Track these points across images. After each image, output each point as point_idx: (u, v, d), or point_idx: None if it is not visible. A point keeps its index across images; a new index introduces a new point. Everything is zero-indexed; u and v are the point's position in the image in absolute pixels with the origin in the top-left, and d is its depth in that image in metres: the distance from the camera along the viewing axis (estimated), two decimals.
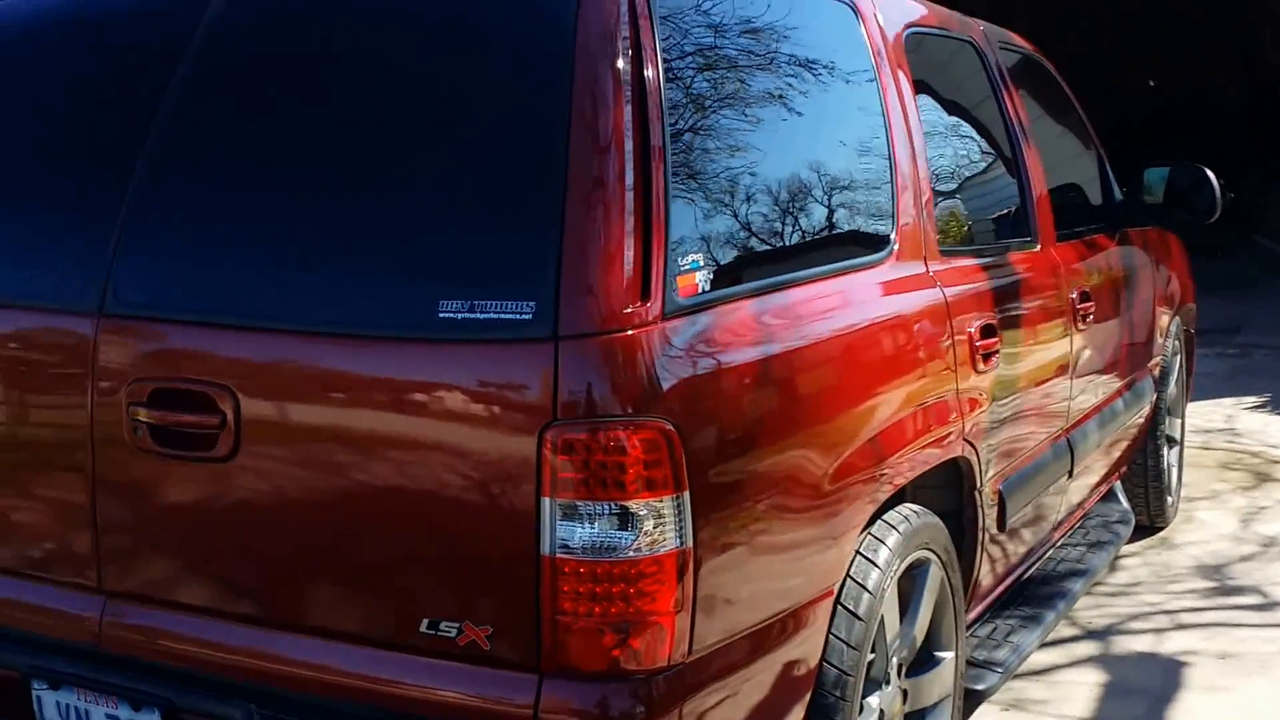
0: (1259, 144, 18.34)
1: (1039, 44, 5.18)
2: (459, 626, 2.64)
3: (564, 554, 2.55)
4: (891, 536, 3.30)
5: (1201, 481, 6.99)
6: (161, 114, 2.94)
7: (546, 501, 2.54)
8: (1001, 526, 3.98)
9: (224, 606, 2.87)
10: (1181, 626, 5.11)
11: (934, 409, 3.42)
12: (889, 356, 3.26)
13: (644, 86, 2.67)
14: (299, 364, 2.74)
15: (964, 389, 3.59)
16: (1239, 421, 8.40)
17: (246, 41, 2.98)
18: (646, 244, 2.59)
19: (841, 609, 3.14)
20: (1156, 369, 5.68)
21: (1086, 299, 4.58)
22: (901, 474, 3.27)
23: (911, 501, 3.70)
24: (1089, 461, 4.79)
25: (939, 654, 3.67)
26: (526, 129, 2.65)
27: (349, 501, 2.71)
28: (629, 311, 2.55)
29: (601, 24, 2.67)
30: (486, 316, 2.55)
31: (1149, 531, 6.12)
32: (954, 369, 3.54)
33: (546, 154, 2.59)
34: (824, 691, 3.10)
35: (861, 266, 3.29)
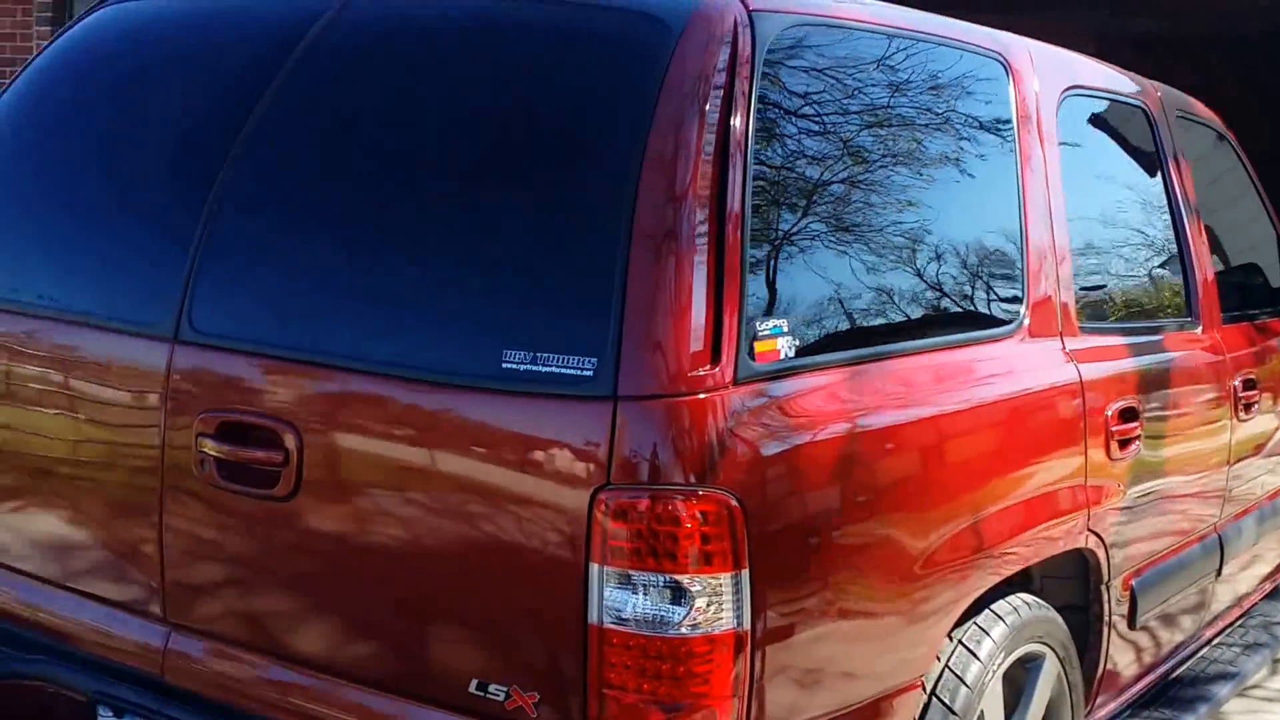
0: None
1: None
2: (507, 690, 2.54)
3: (612, 624, 2.43)
4: (997, 628, 3.10)
5: None
6: (244, 147, 2.92)
7: (595, 567, 2.43)
8: (1132, 624, 3.74)
9: (278, 649, 2.81)
10: None
11: (1054, 496, 3.22)
12: (999, 439, 3.07)
13: (729, 140, 2.55)
14: (361, 404, 2.67)
15: (1094, 476, 3.38)
16: None
17: (326, 84, 2.95)
18: (718, 305, 2.46)
19: (936, 701, 2.97)
20: None
21: (1251, 387, 4.31)
22: (1009, 564, 3.07)
23: (1040, 591, 3.52)
24: (1244, 559, 4.50)
25: None
26: (599, 178, 2.56)
27: (402, 549, 2.64)
28: (695, 375, 2.43)
29: (691, 74, 2.56)
30: (548, 370, 2.46)
31: None
32: (1084, 454, 3.33)
33: (614, 204, 2.49)
34: None
35: (980, 341, 3.11)
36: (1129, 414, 3.54)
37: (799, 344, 2.63)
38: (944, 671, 2.99)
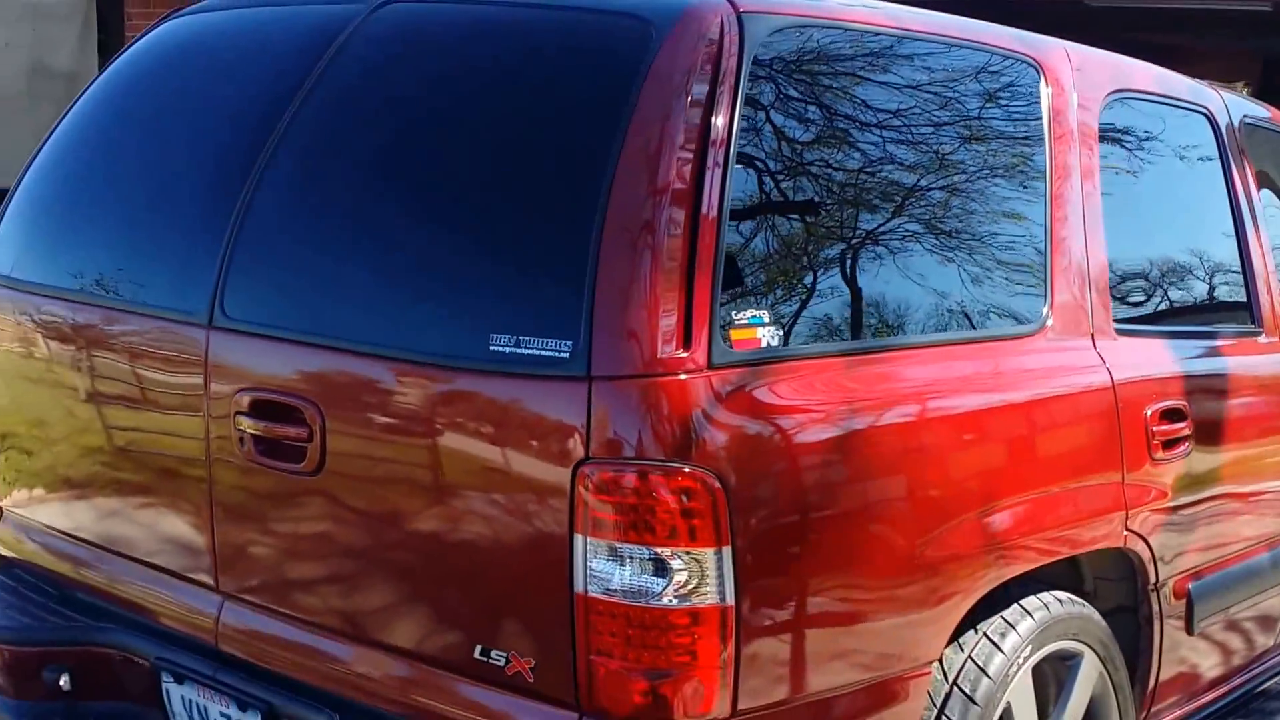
0: None
1: None
2: (507, 656, 2.68)
3: (597, 593, 2.56)
4: (1025, 623, 3.15)
5: None
6: (273, 150, 3.11)
7: (580, 539, 2.56)
8: (1190, 630, 3.73)
9: (313, 617, 2.99)
10: None
11: (1080, 495, 3.25)
12: (1004, 436, 3.10)
13: (711, 137, 2.66)
14: (370, 385, 2.84)
15: (1133, 477, 3.39)
16: None
17: (342, 92, 3.12)
18: (690, 294, 2.58)
19: (956, 690, 3.03)
20: None
21: None
22: (1022, 560, 3.10)
23: (1093, 594, 3.54)
24: None
25: None
26: (580, 172, 2.70)
27: (410, 522, 2.80)
28: (664, 358, 2.54)
29: (674, 73, 2.69)
30: (530, 352, 2.59)
31: None
32: (1119, 454, 3.35)
33: (592, 196, 2.62)
34: None
35: (992, 339, 3.16)
36: (1175, 415, 3.55)
37: (784, 334, 2.73)
38: (966, 662, 3.05)
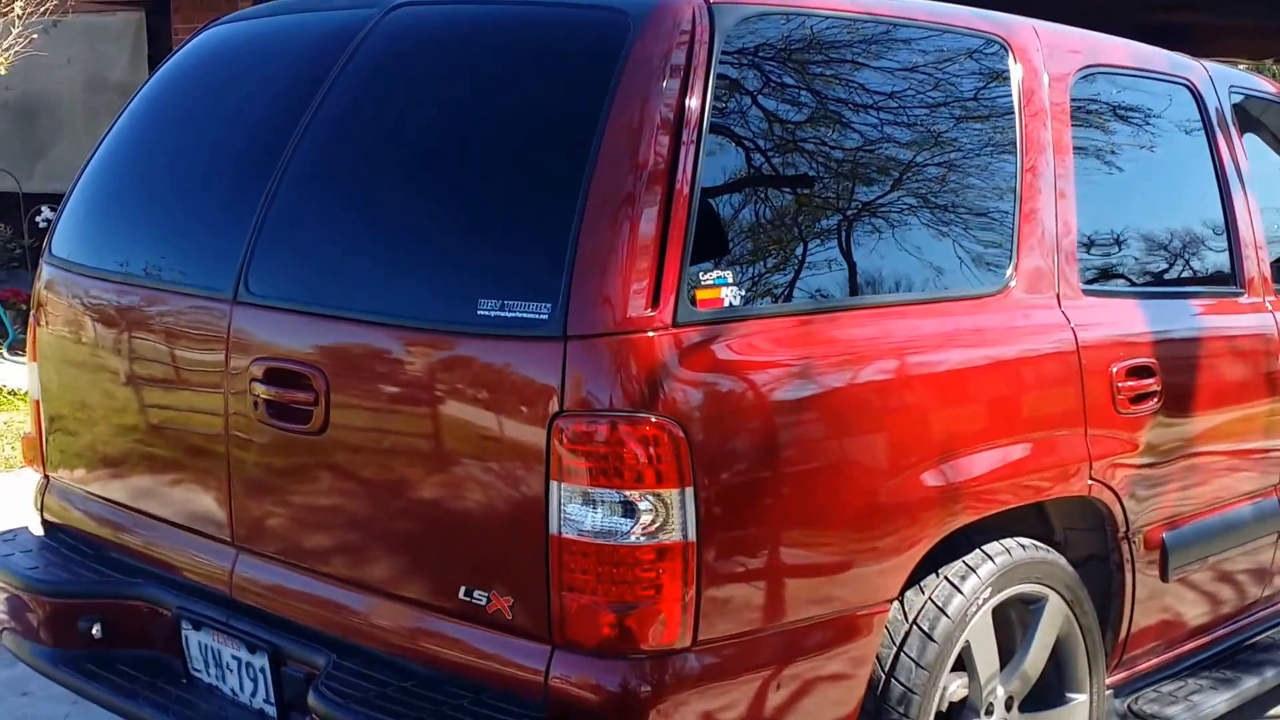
0: None
1: None
2: (488, 596, 2.92)
3: (570, 535, 2.79)
4: (985, 567, 3.35)
5: None
6: (291, 147, 3.37)
7: (555, 485, 2.79)
8: (1165, 578, 3.90)
9: (316, 566, 3.24)
10: None
11: (1038, 447, 3.43)
12: (964, 391, 3.29)
13: (683, 118, 2.89)
14: (370, 350, 3.09)
15: (1097, 430, 3.57)
16: None
17: (354, 89, 3.38)
18: (660, 260, 2.81)
19: (916, 629, 3.23)
20: None
21: None
22: (980, 508, 3.29)
23: (1064, 543, 3.73)
24: None
25: (1071, 695, 3.67)
26: (563, 152, 2.95)
27: (405, 475, 3.05)
28: (633, 317, 2.77)
29: (649, 60, 2.92)
30: (513, 315, 2.84)
31: None
32: (1081, 409, 3.53)
33: (573, 171, 2.86)
34: (888, 707, 3.20)
35: (954, 299, 3.35)
36: (1143, 372, 3.72)
37: (748, 295, 2.94)
38: (926, 603, 3.25)
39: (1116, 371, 3.65)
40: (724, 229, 2.97)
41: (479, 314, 2.88)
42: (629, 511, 2.77)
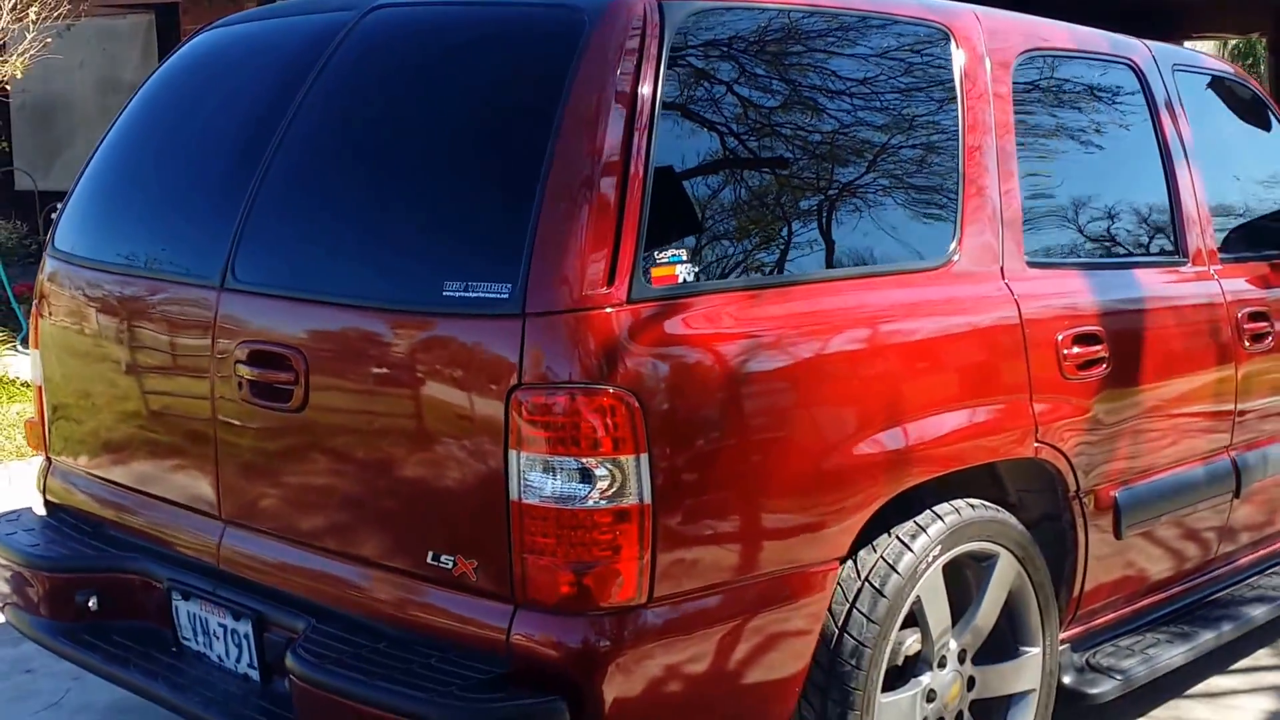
0: None
1: None
2: (454, 560, 3.10)
3: (529, 500, 2.97)
4: (934, 526, 3.51)
5: None
6: (275, 143, 3.56)
7: (514, 453, 2.97)
8: (1119, 535, 4.06)
9: (297, 536, 3.43)
10: None
11: (981, 412, 3.59)
12: (907, 360, 3.45)
13: (636, 106, 3.07)
14: (346, 331, 3.28)
15: (1043, 394, 3.73)
16: None
17: (337, 87, 3.57)
18: (617, 240, 2.98)
19: (867, 585, 3.40)
20: None
21: (1260, 319, 4.55)
22: (924, 471, 3.45)
23: (1016, 504, 3.90)
24: (1276, 487, 4.74)
25: (1024, 648, 3.84)
26: (523, 138, 3.13)
27: (377, 450, 3.23)
28: (588, 295, 2.94)
29: (603, 53, 3.10)
30: (476, 295, 3.02)
31: None
32: (1025, 376, 3.69)
33: (532, 159, 3.04)
34: (841, 659, 3.37)
35: (898, 273, 3.52)
36: (1089, 339, 3.88)
37: (701, 272, 3.12)
38: (878, 561, 3.43)
39: (1062, 339, 3.81)
40: (677, 210, 3.14)
41: (444, 295, 3.06)
42: (586, 478, 2.95)
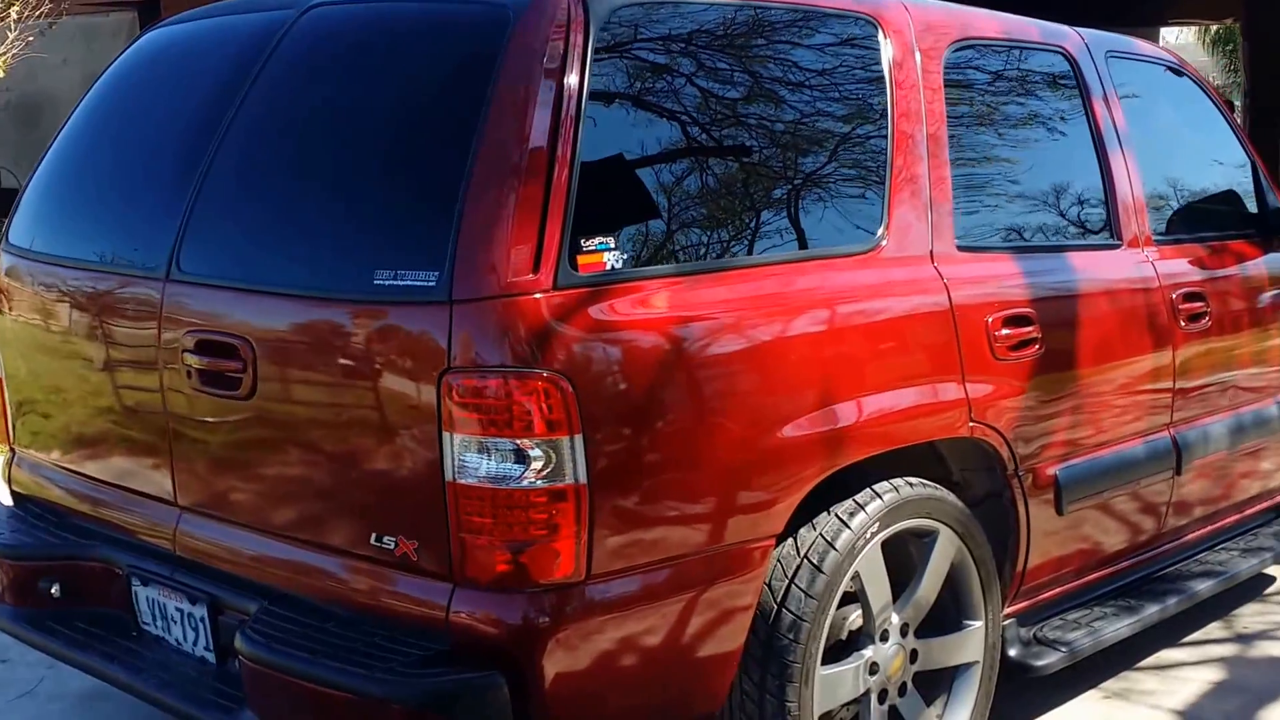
0: None
1: None
2: (396, 540, 3.20)
3: (465, 481, 3.07)
4: (873, 504, 3.61)
5: None
6: (219, 137, 3.65)
7: (447, 435, 3.07)
8: (1059, 511, 4.16)
9: (249, 520, 3.53)
10: None
11: (911, 394, 3.68)
12: (834, 344, 3.52)
13: (562, 95, 3.15)
14: (288, 320, 3.37)
15: (975, 375, 3.82)
16: None
17: (275, 82, 3.66)
18: (542, 228, 3.07)
19: (806, 562, 3.50)
20: None
21: (1195, 299, 4.65)
22: (857, 451, 3.54)
23: (959, 483, 4.00)
24: (1216, 465, 4.84)
25: (968, 622, 3.94)
26: (451, 130, 3.21)
27: (321, 435, 3.33)
28: (512, 281, 3.04)
29: (528, 46, 3.19)
30: (405, 283, 3.11)
31: None
32: (956, 357, 3.78)
33: (460, 150, 3.14)
34: (779, 634, 3.46)
35: (825, 258, 3.61)
36: (1021, 321, 3.97)
37: (628, 258, 3.21)
38: (816, 538, 3.53)
39: (992, 321, 3.90)
40: (605, 199, 3.22)
41: (376, 283, 3.15)
42: (521, 459, 3.04)
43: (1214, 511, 4.98)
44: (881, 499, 3.64)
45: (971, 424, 3.84)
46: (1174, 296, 4.56)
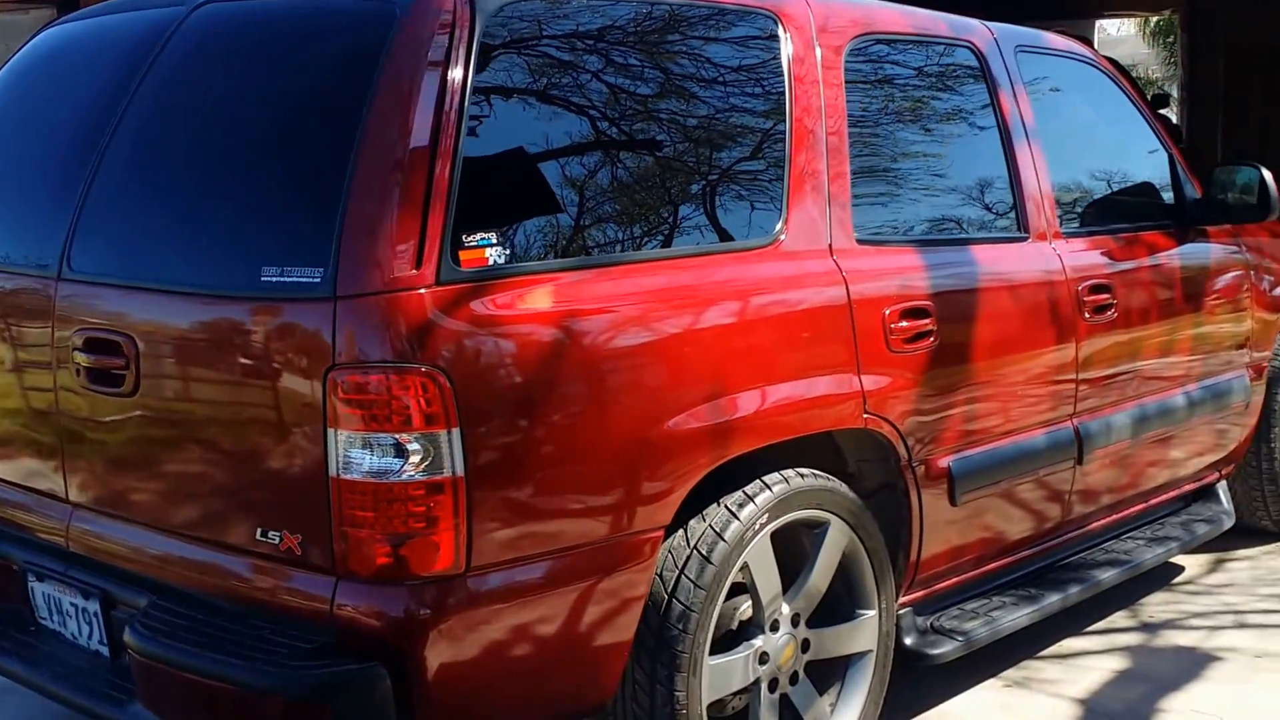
0: None
1: None
2: (280, 535, 3.23)
3: (347, 475, 3.10)
4: (762, 495, 3.66)
5: None
6: (109, 135, 3.67)
7: (331, 431, 3.11)
8: (953, 501, 4.21)
9: (137, 516, 3.56)
10: (1242, 627, 5.15)
11: (804, 386, 3.73)
12: (725, 337, 3.57)
13: (445, 92, 3.19)
14: (172, 317, 3.40)
15: (870, 368, 3.88)
16: None
17: (165, 79, 3.68)
18: (424, 225, 3.11)
19: (696, 553, 3.55)
20: (1263, 370, 5.65)
21: (1102, 291, 4.71)
22: (748, 439, 3.58)
23: (855, 474, 4.06)
24: (1121, 455, 4.90)
25: (860, 611, 4.00)
26: (335, 127, 3.24)
27: (206, 431, 3.36)
28: (395, 277, 3.07)
29: (412, 43, 3.22)
30: (291, 280, 3.14)
31: (1276, 537, 6.07)
32: (852, 350, 3.84)
33: (343, 147, 3.17)
34: (669, 624, 3.51)
35: (717, 251, 3.65)
36: (918, 314, 4.03)
37: (512, 254, 3.25)
38: (706, 529, 3.58)
39: (889, 314, 3.95)
40: (489, 195, 3.26)
41: (262, 280, 3.19)
42: (400, 452, 3.08)
43: (1119, 501, 5.06)
44: (771, 490, 3.69)
45: (866, 415, 3.89)
46: (1080, 289, 4.62)
